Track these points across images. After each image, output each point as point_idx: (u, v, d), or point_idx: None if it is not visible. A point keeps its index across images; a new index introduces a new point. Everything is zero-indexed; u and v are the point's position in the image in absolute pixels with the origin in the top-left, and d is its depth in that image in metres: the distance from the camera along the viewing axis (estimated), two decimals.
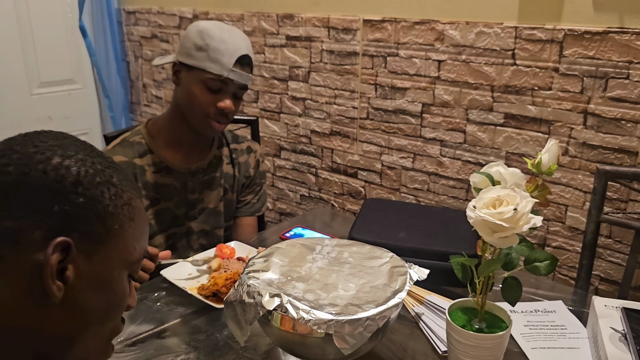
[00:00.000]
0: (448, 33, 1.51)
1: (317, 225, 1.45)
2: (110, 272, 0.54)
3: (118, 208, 0.54)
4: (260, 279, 0.83)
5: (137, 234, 0.57)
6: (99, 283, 0.53)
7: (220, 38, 1.17)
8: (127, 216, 0.55)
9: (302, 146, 1.98)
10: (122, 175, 0.56)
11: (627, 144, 1.29)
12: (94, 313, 0.53)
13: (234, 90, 1.21)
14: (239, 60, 1.18)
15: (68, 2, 2.46)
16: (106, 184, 0.53)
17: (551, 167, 0.81)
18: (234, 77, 1.18)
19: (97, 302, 0.53)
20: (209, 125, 1.22)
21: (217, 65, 1.16)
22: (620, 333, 0.87)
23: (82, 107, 2.59)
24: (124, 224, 0.54)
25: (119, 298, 0.56)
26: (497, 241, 0.76)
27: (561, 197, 1.42)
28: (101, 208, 0.52)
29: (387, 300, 0.79)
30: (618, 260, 1.36)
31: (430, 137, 1.62)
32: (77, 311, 0.52)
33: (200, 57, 1.17)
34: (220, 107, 1.19)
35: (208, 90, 1.19)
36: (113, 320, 0.57)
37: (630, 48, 1.23)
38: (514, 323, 0.98)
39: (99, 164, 0.54)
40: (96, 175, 0.53)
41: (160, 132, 1.27)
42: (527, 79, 1.40)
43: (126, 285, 0.57)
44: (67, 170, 0.51)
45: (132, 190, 0.57)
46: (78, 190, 0.51)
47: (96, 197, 0.52)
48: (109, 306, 0.55)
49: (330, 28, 1.76)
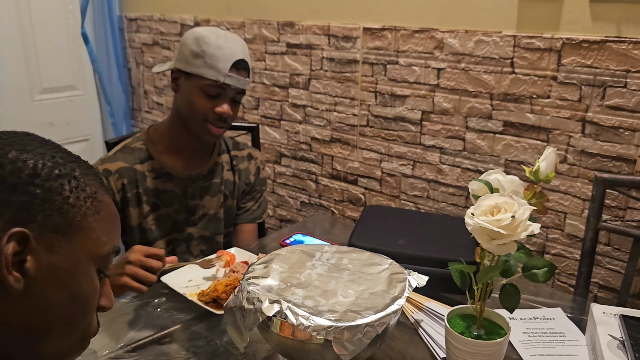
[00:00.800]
0: (447, 41, 1.52)
1: (317, 232, 1.45)
2: (73, 264, 0.53)
3: (80, 200, 0.54)
4: (260, 285, 0.83)
5: (104, 228, 0.56)
6: (61, 275, 0.52)
7: (216, 44, 1.18)
8: (92, 209, 0.55)
9: (303, 153, 1.98)
10: (86, 170, 0.56)
11: (625, 152, 1.30)
12: (58, 307, 0.53)
13: (231, 95, 1.22)
14: (235, 65, 1.19)
15: (70, 9, 2.47)
16: (66, 177, 0.53)
17: (549, 175, 0.82)
18: (230, 82, 1.19)
19: (61, 296, 0.53)
20: (208, 131, 1.23)
21: (213, 71, 1.18)
22: (619, 340, 0.87)
23: (83, 114, 2.60)
24: (87, 217, 0.54)
25: (86, 292, 0.55)
26: (495, 248, 0.76)
27: (560, 204, 1.42)
28: (61, 200, 0.52)
29: (386, 307, 0.80)
30: (617, 267, 1.36)
31: (429, 145, 1.63)
32: (41, 304, 0.51)
33: (197, 64, 1.18)
34: (218, 113, 1.21)
35: (206, 96, 1.20)
36: (83, 317, 0.56)
37: (627, 57, 1.24)
38: (513, 330, 0.98)
39: (60, 158, 0.54)
40: (55, 168, 0.53)
41: (161, 138, 1.28)
42: (526, 87, 1.41)
43: (94, 280, 0.56)
44: (24, 163, 0.51)
45: (97, 184, 0.57)
46: (35, 182, 0.51)
47: (55, 189, 0.52)
48: (75, 300, 0.54)
49: (331, 36, 1.78)
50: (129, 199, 1.25)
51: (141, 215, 1.27)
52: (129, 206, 1.25)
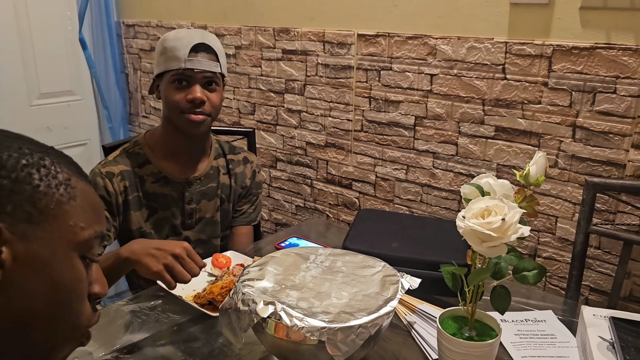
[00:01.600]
0: (440, 48, 1.54)
1: (312, 235, 1.46)
2: (52, 252, 0.53)
3: (52, 188, 0.53)
4: (255, 287, 0.84)
5: (82, 214, 0.56)
6: (40, 264, 0.52)
7: (175, 37, 1.21)
8: (65, 196, 0.54)
9: (298, 157, 2.00)
10: (57, 158, 0.56)
11: (614, 157, 1.32)
12: (40, 296, 0.52)
13: (201, 81, 1.22)
14: (194, 48, 1.20)
15: (68, 15, 2.49)
16: (34, 166, 0.53)
17: (539, 179, 0.84)
18: (191, 65, 1.19)
19: (42, 285, 0.52)
20: (187, 121, 1.23)
21: (175, 60, 1.20)
22: (608, 342, 0.88)
23: (81, 118, 2.61)
24: (61, 204, 0.54)
25: (69, 280, 0.54)
26: (486, 250, 0.77)
27: (551, 208, 1.44)
28: (30, 189, 0.52)
29: (379, 309, 0.81)
30: (607, 270, 1.38)
31: (423, 149, 1.65)
32: (22, 294, 0.51)
33: (163, 61, 1.22)
34: (189, 99, 1.21)
35: (176, 89, 1.22)
36: (69, 306, 0.55)
37: (616, 63, 1.27)
38: (505, 332, 0.99)
39: (26, 149, 0.54)
40: (21, 158, 0.52)
41: (157, 143, 1.30)
42: (517, 93, 1.43)
43: (78, 267, 0.56)
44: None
45: (70, 171, 0.56)
46: (1, 174, 0.51)
47: (22, 178, 0.51)
48: (58, 289, 0.53)
49: (326, 42, 1.80)
50: (131, 202, 1.26)
51: (141, 219, 1.28)
52: (130, 209, 1.27)
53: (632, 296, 1.35)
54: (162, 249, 0.99)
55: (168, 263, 0.97)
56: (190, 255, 1.00)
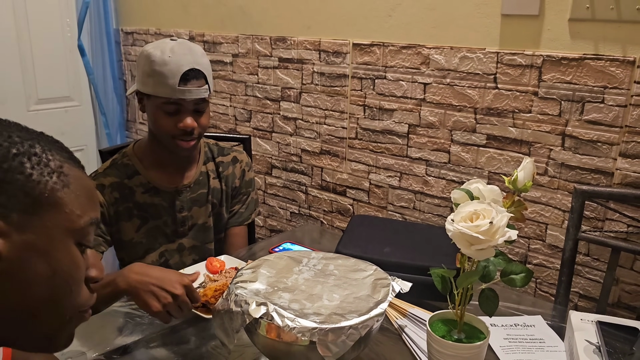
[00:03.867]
0: (433, 57, 1.57)
1: (306, 241, 1.47)
2: (49, 241, 0.53)
3: (44, 176, 0.53)
4: (247, 289, 0.86)
5: (77, 201, 0.55)
6: (38, 253, 0.52)
7: (162, 60, 1.16)
8: (59, 183, 0.54)
9: (293, 164, 2.02)
10: (49, 145, 0.55)
11: (603, 165, 1.34)
12: (39, 283, 0.53)
13: (191, 107, 1.20)
14: (183, 77, 1.16)
15: (67, 21, 2.51)
16: (25, 154, 0.52)
17: (526, 184, 0.85)
18: (182, 95, 1.17)
19: (41, 272, 0.53)
20: (177, 146, 1.23)
21: (164, 88, 1.16)
22: (595, 345, 0.89)
23: (78, 124, 2.63)
24: (55, 192, 0.53)
25: (67, 267, 0.55)
26: (474, 253, 0.79)
27: (541, 215, 1.46)
28: (23, 178, 0.51)
29: (370, 310, 0.82)
30: (596, 277, 1.40)
31: (416, 157, 1.67)
32: (21, 283, 0.52)
33: (150, 84, 1.18)
34: (181, 128, 1.20)
35: (166, 114, 1.19)
36: (69, 291, 0.56)
37: (604, 74, 1.30)
38: (494, 336, 1.00)
39: (16, 137, 0.53)
40: (11, 147, 0.52)
41: (145, 154, 1.30)
42: (508, 102, 1.45)
43: (74, 253, 0.56)
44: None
45: (62, 158, 0.56)
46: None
47: (14, 168, 0.51)
48: (56, 276, 0.54)
49: (321, 51, 1.82)
50: (121, 213, 1.26)
51: (133, 229, 1.28)
52: (121, 220, 1.27)
53: (620, 302, 1.37)
54: (164, 287, 0.93)
55: (168, 305, 0.93)
56: (190, 293, 0.95)
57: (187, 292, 0.94)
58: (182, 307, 0.94)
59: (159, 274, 0.95)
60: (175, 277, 0.95)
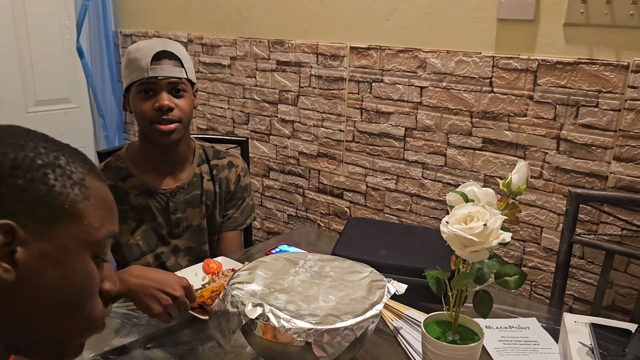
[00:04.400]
0: (430, 61, 1.58)
1: (303, 243, 1.47)
2: (65, 251, 0.53)
3: (67, 188, 0.54)
4: (244, 290, 0.86)
5: (96, 214, 0.56)
6: (54, 263, 0.53)
7: (136, 48, 1.22)
8: (80, 195, 0.55)
9: (290, 167, 2.03)
10: (73, 157, 0.56)
11: (597, 169, 1.35)
12: (53, 293, 0.53)
13: (166, 87, 1.21)
14: (155, 56, 1.20)
15: (66, 24, 2.52)
16: (50, 166, 0.53)
17: (520, 187, 0.86)
18: (154, 73, 1.19)
19: (55, 282, 0.53)
20: (157, 131, 1.22)
21: (138, 71, 1.20)
22: (588, 347, 0.90)
23: (76, 126, 2.63)
24: (76, 203, 0.54)
25: (81, 278, 0.55)
26: (469, 255, 0.80)
27: (536, 219, 1.47)
28: (46, 189, 0.52)
29: (365, 312, 0.82)
30: (590, 280, 1.41)
31: (412, 160, 1.68)
32: (35, 291, 0.52)
33: (127, 73, 1.22)
34: (156, 107, 1.20)
35: (143, 99, 1.21)
36: (82, 302, 0.56)
37: (599, 78, 1.31)
38: (489, 338, 1.01)
39: (42, 147, 0.54)
40: (37, 158, 0.53)
41: (138, 157, 1.31)
42: (504, 106, 1.47)
43: (89, 265, 0.56)
44: (5, 156, 0.51)
45: (85, 170, 0.57)
46: (17, 174, 0.51)
47: (38, 178, 0.52)
48: (70, 286, 0.54)
49: (319, 54, 1.84)
50: None
51: (128, 231, 1.29)
52: None
53: (615, 305, 1.38)
54: (163, 290, 0.95)
55: (169, 306, 0.95)
56: (188, 294, 0.98)
57: (185, 293, 0.96)
58: (181, 307, 0.96)
59: (157, 277, 0.96)
60: (173, 278, 0.97)
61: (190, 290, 0.97)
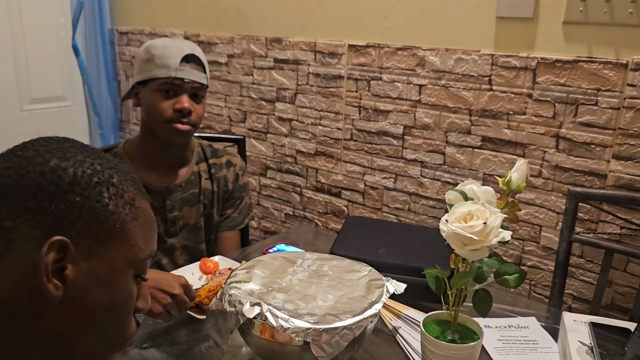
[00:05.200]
0: (428, 59, 1.57)
1: (300, 242, 1.46)
2: (112, 270, 0.54)
3: (119, 207, 0.54)
4: (241, 289, 0.85)
5: (142, 234, 0.57)
6: (100, 281, 0.53)
7: (163, 45, 1.22)
8: (130, 215, 0.55)
9: (288, 166, 2.02)
10: (125, 176, 0.57)
11: (596, 167, 1.35)
12: (96, 312, 0.54)
13: (189, 90, 1.22)
14: (185, 58, 1.21)
15: (62, 21, 2.50)
16: (105, 184, 0.54)
17: (520, 185, 0.86)
18: (182, 75, 1.20)
19: (99, 301, 0.54)
20: (172, 130, 1.22)
21: (164, 69, 1.19)
22: (588, 346, 0.90)
23: (72, 124, 2.62)
24: (126, 224, 0.55)
25: (123, 298, 0.56)
26: (468, 254, 0.79)
27: (535, 217, 1.47)
28: (100, 207, 0.53)
29: (364, 311, 0.82)
30: (590, 279, 1.41)
31: (411, 159, 1.68)
32: (79, 309, 0.53)
33: (149, 68, 1.21)
34: (178, 109, 1.21)
35: (164, 97, 1.21)
36: (121, 321, 0.57)
37: (598, 76, 1.30)
38: (488, 337, 1.00)
39: (98, 165, 0.55)
40: (94, 176, 0.53)
41: (136, 153, 1.29)
42: (503, 104, 1.46)
43: (131, 285, 0.57)
44: (64, 171, 0.52)
45: (134, 190, 0.57)
46: (75, 190, 0.51)
47: (94, 196, 0.52)
48: (112, 305, 0.55)
49: (317, 52, 1.83)
50: None
51: None
52: None
53: (614, 304, 1.38)
54: (162, 289, 0.95)
55: (168, 305, 0.95)
56: (187, 292, 0.98)
57: (184, 291, 0.96)
58: (181, 305, 0.96)
59: (155, 276, 0.96)
60: (171, 277, 0.97)
61: (188, 288, 0.97)
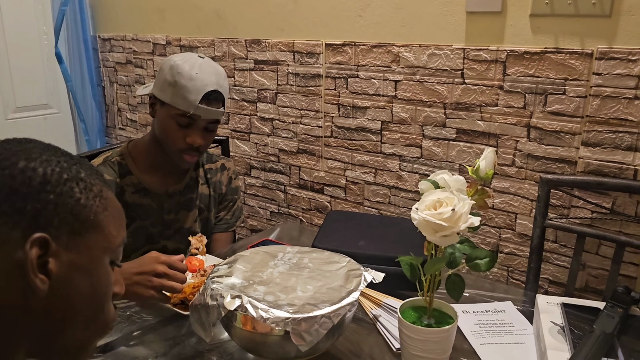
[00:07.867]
0: (403, 55, 1.61)
1: (285, 239, 1.48)
2: (91, 260, 0.57)
3: (90, 200, 0.57)
4: (223, 284, 0.88)
5: (113, 222, 0.60)
6: (81, 272, 0.56)
7: (189, 75, 1.18)
8: (100, 206, 0.58)
9: (271, 164, 2.04)
10: (89, 170, 0.59)
11: (566, 154, 1.39)
12: (81, 300, 0.57)
13: (203, 125, 1.23)
14: (206, 96, 1.19)
15: (44, 29, 2.51)
16: (74, 180, 0.56)
17: (488, 173, 0.89)
18: (200, 113, 1.19)
19: (83, 290, 0.57)
20: (181, 159, 1.26)
21: (184, 102, 1.18)
22: (559, 326, 0.93)
23: (57, 131, 2.62)
24: (98, 214, 0.58)
25: (103, 284, 0.60)
26: (439, 240, 0.82)
27: (510, 205, 1.51)
28: (73, 202, 0.55)
29: (342, 299, 0.84)
30: (564, 263, 1.45)
31: (389, 153, 1.71)
32: (65, 300, 0.56)
33: (170, 93, 1.19)
34: (189, 143, 1.23)
35: (178, 126, 1.21)
36: (102, 306, 0.60)
37: (565, 66, 1.35)
38: (466, 322, 1.04)
39: (64, 162, 0.57)
40: (63, 173, 0.56)
41: (140, 155, 1.31)
42: (476, 96, 1.50)
43: (109, 271, 0.61)
44: (34, 171, 0.54)
45: (100, 182, 0.60)
46: (47, 189, 0.54)
47: (66, 192, 0.55)
48: (95, 292, 0.58)
49: (295, 52, 1.85)
50: None
51: None
52: None
53: (588, 287, 1.42)
54: (143, 271, 0.97)
55: (156, 285, 0.97)
56: (172, 266, 0.99)
57: (169, 265, 0.99)
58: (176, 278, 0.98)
59: (133, 264, 0.99)
60: (149, 259, 0.99)
61: (173, 262, 0.99)
